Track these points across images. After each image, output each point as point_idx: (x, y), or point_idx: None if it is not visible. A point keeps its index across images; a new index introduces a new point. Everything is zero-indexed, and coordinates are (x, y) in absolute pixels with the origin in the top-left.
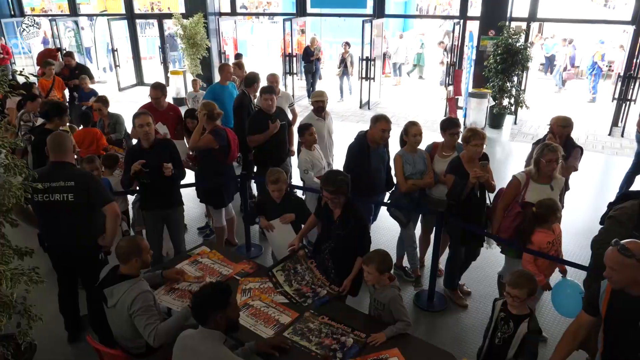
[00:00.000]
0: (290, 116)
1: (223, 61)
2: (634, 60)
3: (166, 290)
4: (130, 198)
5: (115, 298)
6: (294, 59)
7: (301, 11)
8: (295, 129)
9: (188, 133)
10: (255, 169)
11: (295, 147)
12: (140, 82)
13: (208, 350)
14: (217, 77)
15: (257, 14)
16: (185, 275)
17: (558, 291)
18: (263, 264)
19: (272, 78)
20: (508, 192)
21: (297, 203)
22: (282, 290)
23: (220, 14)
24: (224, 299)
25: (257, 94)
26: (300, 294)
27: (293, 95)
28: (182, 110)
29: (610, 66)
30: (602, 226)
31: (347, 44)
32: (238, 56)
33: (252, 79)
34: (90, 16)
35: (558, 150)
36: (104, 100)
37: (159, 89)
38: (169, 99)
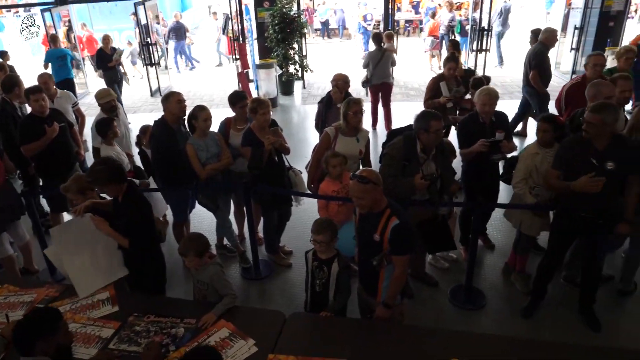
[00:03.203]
0: (73, 117)
1: None
2: (389, 18)
3: None
4: None
5: None
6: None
7: None
8: (90, 128)
9: None
10: (40, 182)
11: (83, 150)
12: None
13: None
14: None
15: (8, 7)
16: None
17: (341, 234)
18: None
19: (42, 79)
20: (320, 146)
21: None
22: None
23: None
24: (52, 325)
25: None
26: None
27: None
28: None
29: (376, 25)
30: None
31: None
32: (3, 54)
33: (11, 82)
34: None
35: (361, 102)
36: None
37: None
38: None
